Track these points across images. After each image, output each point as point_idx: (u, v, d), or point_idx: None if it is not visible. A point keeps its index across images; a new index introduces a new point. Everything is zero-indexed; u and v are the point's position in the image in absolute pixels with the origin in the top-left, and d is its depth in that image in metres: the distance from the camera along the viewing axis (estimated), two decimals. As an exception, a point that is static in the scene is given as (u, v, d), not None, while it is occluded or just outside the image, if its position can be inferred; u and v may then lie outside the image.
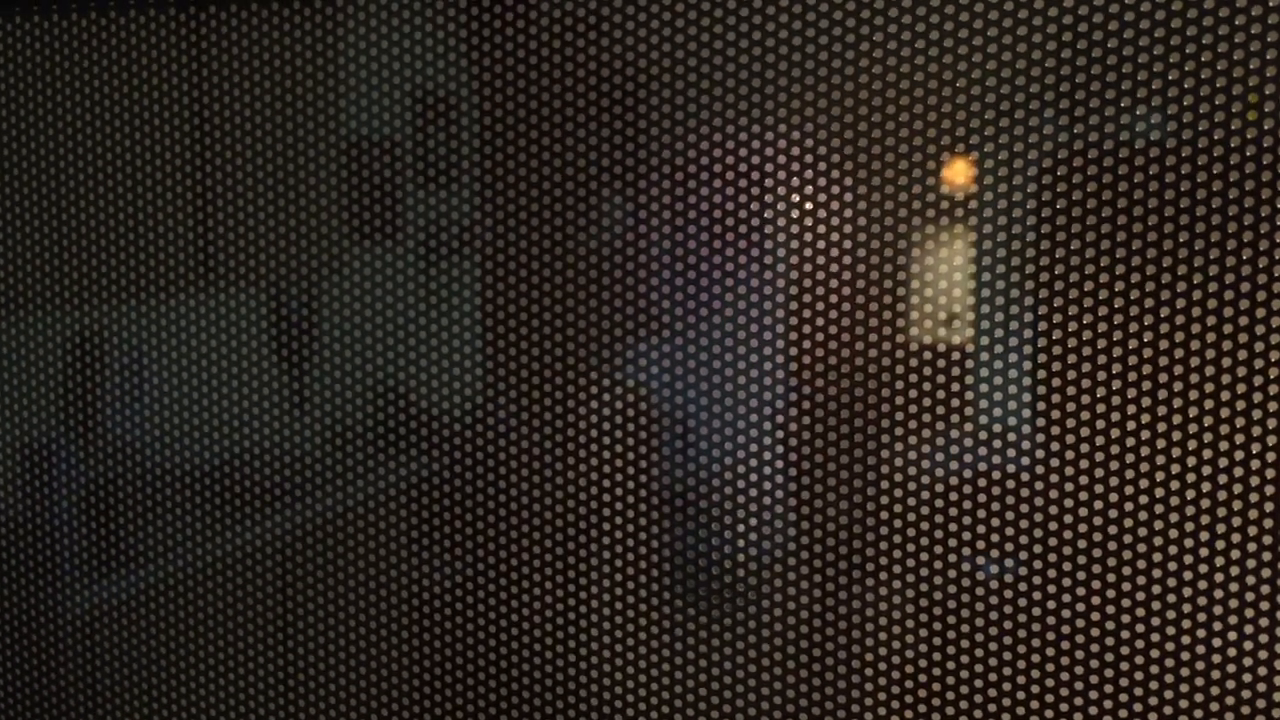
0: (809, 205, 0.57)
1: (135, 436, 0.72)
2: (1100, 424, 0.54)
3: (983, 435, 0.56)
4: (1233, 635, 0.54)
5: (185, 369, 0.70)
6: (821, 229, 0.57)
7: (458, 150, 0.63)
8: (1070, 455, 0.55)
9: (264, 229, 0.67)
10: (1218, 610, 0.54)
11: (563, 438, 0.63)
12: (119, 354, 0.72)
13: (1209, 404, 0.53)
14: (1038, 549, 0.56)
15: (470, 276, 0.64)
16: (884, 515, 0.58)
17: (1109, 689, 0.56)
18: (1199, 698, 0.54)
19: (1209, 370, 0.53)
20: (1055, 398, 0.55)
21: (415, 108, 0.64)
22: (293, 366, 0.68)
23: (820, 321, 0.58)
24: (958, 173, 0.55)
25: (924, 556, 0.57)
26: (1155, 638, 0.55)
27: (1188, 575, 0.54)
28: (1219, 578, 0.54)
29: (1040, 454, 0.55)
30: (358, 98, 0.64)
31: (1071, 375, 0.55)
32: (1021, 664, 0.57)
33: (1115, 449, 0.54)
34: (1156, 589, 0.54)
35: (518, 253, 0.63)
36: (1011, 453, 0.56)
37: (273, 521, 0.70)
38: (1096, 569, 0.55)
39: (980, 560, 0.57)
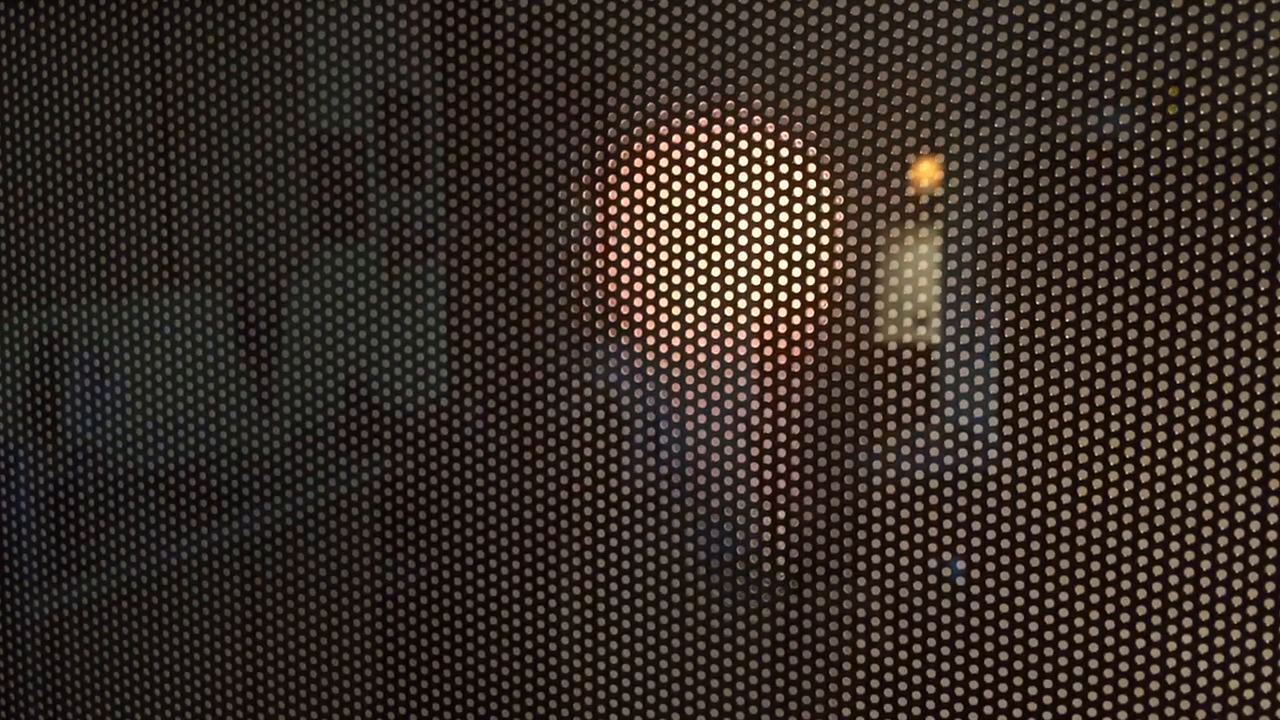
0: (778, 205, 0.57)
1: (98, 437, 0.71)
2: (1069, 425, 0.54)
3: (951, 436, 0.56)
4: (1204, 634, 0.54)
5: (149, 368, 0.69)
6: (790, 229, 0.57)
7: (424, 147, 0.63)
8: (1039, 456, 0.55)
9: (228, 227, 0.67)
10: (1189, 609, 0.54)
11: (529, 437, 0.62)
12: (82, 354, 0.71)
13: (1180, 402, 0.53)
14: (1006, 550, 0.56)
15: (436, 275, 0.63)
16: (853, 516, 0.58)
17: (1077, 688, 0.55)
18: (1169, 694, 0.54)
19: (1177, 366, 0.53)
20: (1024, 398, 0.55)
21: (381, 105, 0.63)
22: (258, 365, 0.68)
23: (789, 321, 0.58)
24: (925, 173, 0.55)
25: (892, 556, 0.57)
26: (1125, 636, 0.55)
27: (1158, 572, 0.54)
28: (1190, 574, 0.54)
29: (1009, 455, 0.55)
30: (323, 95, 0.64)
31: (1040, 375, 0.54)
32: (990, 664, 0.56)
33: (1084, 450, 0.54)
34: (1126, 585, 0.54)
35: (484, 251, 0.62)
36: (979, 454, 0.56)
37: (239, 522, 0.69)
38: (1065, 569, 0.55)
39: (947, 569, 0.56)
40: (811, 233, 0.57)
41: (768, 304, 0.58)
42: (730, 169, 0.57)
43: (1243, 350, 0.52)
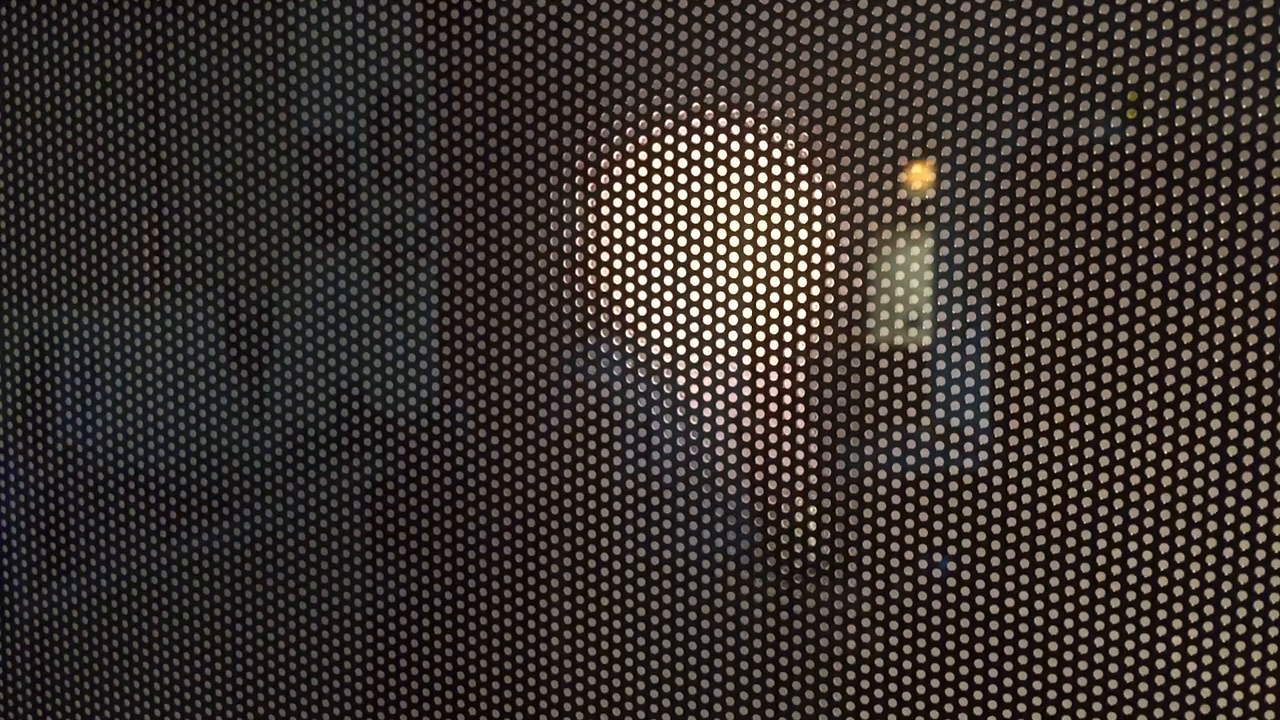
0: (770, 208, 0.57)
1: (89, 438, 0.71)
2: (1060, 425, 0.55)
3: (941, 435, 0.56)
4: (1194, 634, 0.54)
5: (140, 372, 0.69)
6: (782, 231, 0.57)
7: (416, 152, 0.63)
8: (1029, 456, 0.55)
9: (220, 231, 0.66)
10: (1179, 609, 0.54)
11: (522, 440, 0.62)
12: (73, 357, 0.71)
13: (1169, 404, 0.53)
14: (996, 547, 0.56)
15: (429, 279, 0.63)
16: (846, 515, 0.58)
17: (1066, 686, 0.56)
18: (1158, 695, 0.55)
19: (1168, 371, 0.53)
20: (1015, 398, 0.55)
21: (372, 109, 0.63)
22: (249, 369, 0.68)
23: (781, 323, 0.58)
24: (918, 175, 0.55)
25: (885, 553, 0.58)
26: (1115, 637, 0.55)
27: (1146, 573, 0.54)
28: (1179, 576, 0.54)
29: (999, 454, 0.55)
30: (315, 98, 0.64)
31: (1031, 376, 0.55)
32: (983, 662, 0.57)
33: (1075, 450, 0.55)
34: (1115, 587, 0.55)
35: (476, 255, 0.62)
36: (970, 451, 0.56)
37: (230, 526, 0.69)
38: (1058, 567, 0.55)
39: (938, 559, 0.57)
40: (804, 234, 0.57)
41: (760, 306, 0.58)
42: (722, 171, 0.58)
43: (1237, 351, 0.52)
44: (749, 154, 0.57)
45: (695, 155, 0.58)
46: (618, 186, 0.59)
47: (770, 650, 0.60)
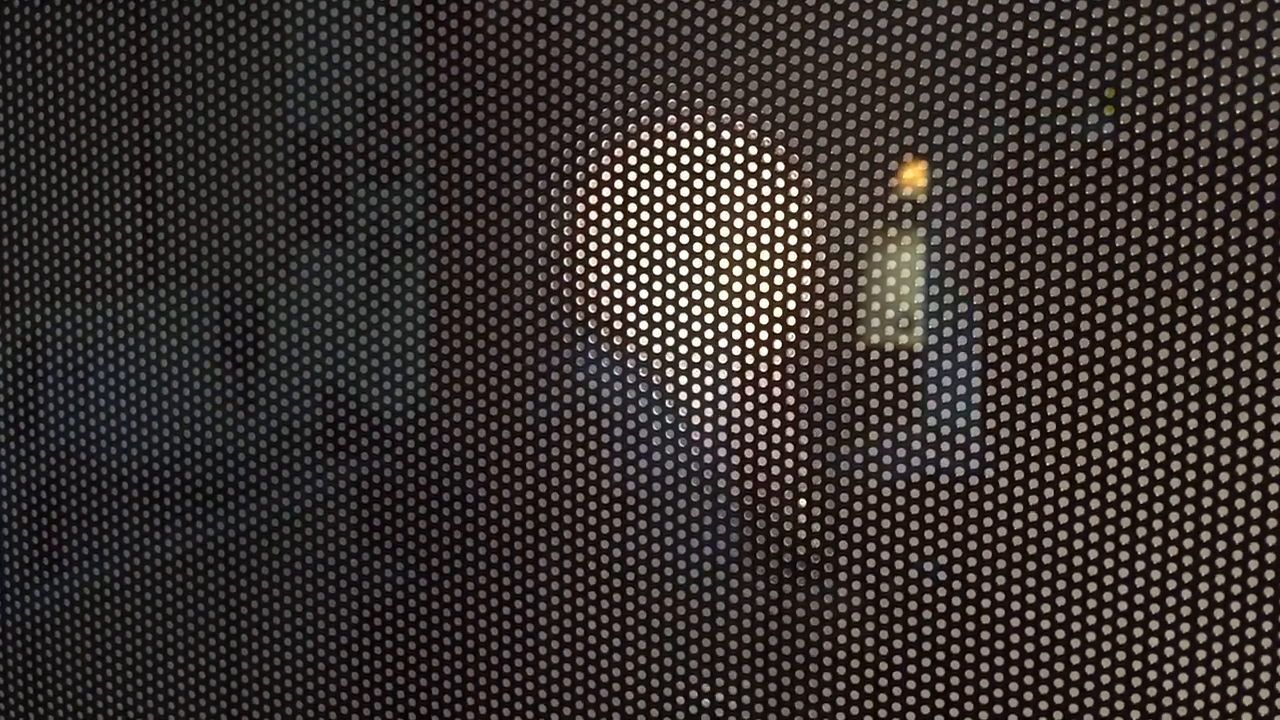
0: (762, 209, 0.57)
1: (79, 435, 0.71)
2: (1051, 427, 0.55)
3: (932, 438, 0.56)
4: (1187, 635, 0.54)
5: (130, 370, 0.69)
6: (773, 232, 0.57)
7: (406, 148, 0.63)
8: (1024, 458, 0.55)
9: (211, 228, 0.66)
10: (1172, 614, 0.54)
11: (511, 438, 0.62)
12: (63, 355, 0.70)
13: (1166, 403, 0.53)
14: (988, 552, 0.56)
15: (419, 276, 0.63)
16: (833, 518, 0.58)
17: (1060, 682, 0.56)
18: (1149, 697, 0.55)
19: (1162, 371, 0.53)
20: (1006, 400, 0.55)
21: (364, 105, 0.63)
22: (240, 366, 0.67)
23: (773, 324, 0.58)
24: (908, 176, 0.55)
25: (873, 557, 0.57)
26: (1107, 640, 0.55)
27: (1140, 576, 0.54)
28: (1171, 579, 0.54)
29: (990, 457, 0.55)
30: (307, 95, 0.64)
31: (1022, 377, 0.55)
32: (973, 667, 0.57)
33: (1065, 453, 0.54)
34: (1107, 592, 0.55)
35: (467, 252, 0.62)
36: (961, 455, 0.56)
37: (218, 521, 0.69)
38: (1049, 571, 0.55)
39: (929, 568, 0.57)
40: (795, 236, 0.57)
41: (752, 307, 0.58)
42: (713, 171, 0.58)
43: (1228, 350, 0.52)
44: (741, 154, 0.57)
45: (687, 155, 0.58)
46: (609, 185, 0.59)
47: (760, 652, 0.60)
